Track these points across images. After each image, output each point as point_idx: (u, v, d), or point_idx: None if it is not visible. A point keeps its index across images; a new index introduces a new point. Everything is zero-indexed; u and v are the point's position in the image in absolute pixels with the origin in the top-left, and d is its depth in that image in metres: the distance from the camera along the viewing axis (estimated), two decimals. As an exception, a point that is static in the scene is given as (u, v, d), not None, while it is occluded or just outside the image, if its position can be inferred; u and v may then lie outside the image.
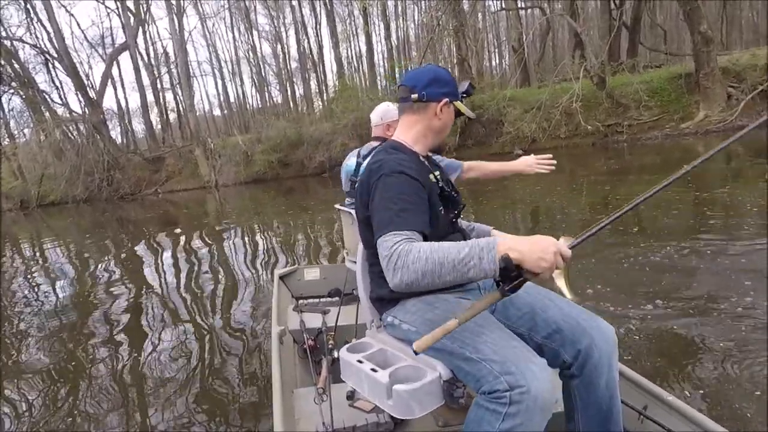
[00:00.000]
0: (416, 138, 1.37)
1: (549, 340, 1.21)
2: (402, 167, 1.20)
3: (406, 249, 1.03)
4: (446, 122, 1.37)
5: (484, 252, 0.99)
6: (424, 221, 1.14)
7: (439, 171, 1.39)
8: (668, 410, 1.35)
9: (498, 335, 1.13)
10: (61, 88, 23.09)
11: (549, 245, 0.98)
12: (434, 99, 1.33)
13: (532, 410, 1.00)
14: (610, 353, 1.17)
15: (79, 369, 2.91)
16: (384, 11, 24.56)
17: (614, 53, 15.13)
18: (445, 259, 1.00)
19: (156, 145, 23.56)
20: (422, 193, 1.19)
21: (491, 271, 0.99)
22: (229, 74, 33.22)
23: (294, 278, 2.92)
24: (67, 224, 14.11)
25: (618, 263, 3.62)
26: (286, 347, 2.00)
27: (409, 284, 1.04)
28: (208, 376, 2.55)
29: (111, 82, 24.54)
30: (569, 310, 1.23)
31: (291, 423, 1.48)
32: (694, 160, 1.25)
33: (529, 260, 0.97)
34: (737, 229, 4.09)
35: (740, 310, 2.56)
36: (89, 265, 6.81)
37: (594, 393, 1.17)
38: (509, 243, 1.00)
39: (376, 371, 1.19)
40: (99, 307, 4.28)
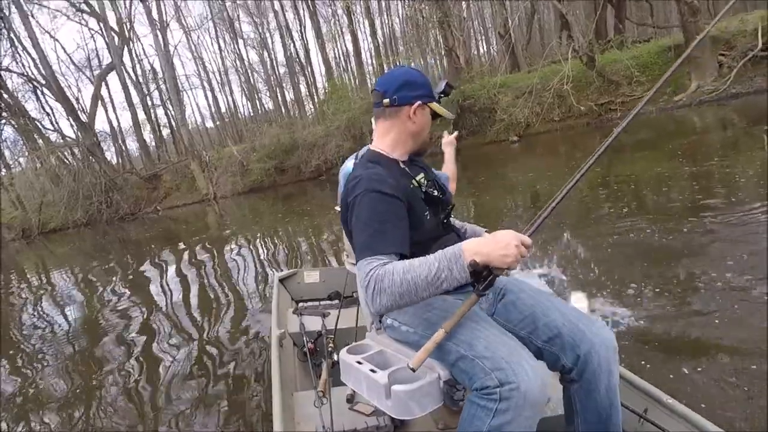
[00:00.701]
0: (393, 144, 1.36)
1: (549, 345, 1.21)
2: (377, 185, 1.19)
3: (380, 274, 1.05)
4: (422, 125, 1.35)
5: (452, 263, 1.03)
6: (399, 240, 1.14)
7: (423, 174, 1.37)
8: (668, 413, 1.34)
9: (492, 333, 1.15)
10: (52, 114, 23.07)
11: (509, 240, 1.03)
12: (406, 102, 1.32)
13: (522, 407, 1.01)
14: (610, 359, 1.16)
15: (90, 386, 2.95)
16: (368, 8, 24.43)
17: (601, 31, 15.03)
18: (418, 278, 1.03)
19: (151, 163, 23.56)
20: (398, 210, 1.19)
21: (463, 279, 1.03)
22: (218, 85, 33.25)
23: (294, 281, 2.92)
24: (69, 250, 14.14)
25: (613, 245, 3.59)
26: (286, 350, 2.00)
27: (389, 307, 1.07)
28: (208, 379, 2.58)
29: (101, 103, 24.54)
30: (570, 315, 1.23)
31: (291, 426, 1.48)
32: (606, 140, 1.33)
33: (495, 259, 1.02)
34: (734, 204, 4.04)
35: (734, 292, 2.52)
36: (95, 288, 6.82)
37: (594, 398, 1.17)
38: (473, 247, 1.04)
39: (375, 372, 1.19)
40: (107, 327, 4.37)
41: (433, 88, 1.38)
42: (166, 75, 19.74)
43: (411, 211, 1.23)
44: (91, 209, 19.80)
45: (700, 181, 5.13)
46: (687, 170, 5.71)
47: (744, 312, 2.24)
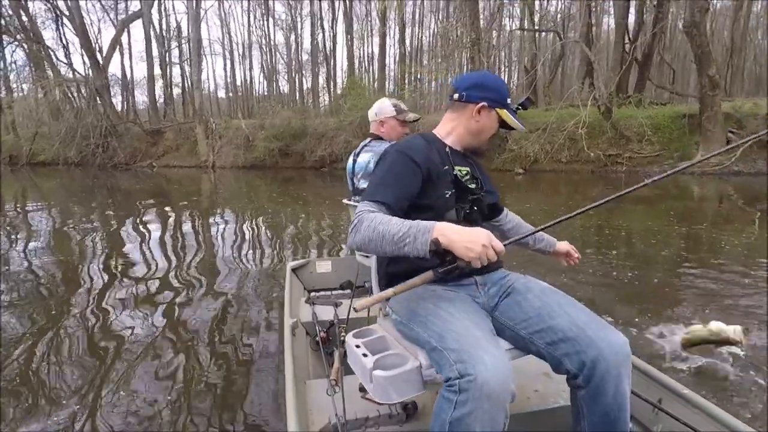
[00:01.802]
0: (449, 132, 1.47)
1: (553, 348, 1.18)
2: (405, 148, 1.32)
3: (363, 217, 1.15)
4: (484, 126, 1.43)
5: (419, 233, 1.07)
6: (396, 195, 1.23)
7: (468, 168, 1.46)
8: (684, 403, 1.34)
9: (464, 325, 1.15)
10: (67, 48, 22.77)
11: (480, 237, 1.05)
12: (472, 101, 1.41)
13: (480, 399, 0.99)
14: (620, 366, 1.12)
15: (60, 361, 2.75)
16: (402, 17, 24.69)
17: (622, 85, 15.39)
18: (387, 233, 1.10)
19: (157, 118, 23.31)
20: (412, 173, 1.28)
21: (423, 251, 1.07)
22: (239, 57, 33.11)
23: (306, 271, 2.92)
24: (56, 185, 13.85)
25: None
26: (298, 339, 2.00)
27: (359, 246, 1.15)
28: (219, 366, 2.49)
29: (119, 48, 24.27)
30: (578, 319, 1.18)
31: (303, 414, 1.49)
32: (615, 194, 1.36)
33: (458, 247, 1.05)
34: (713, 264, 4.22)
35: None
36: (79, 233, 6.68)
37: (601, 404, 1.14)
38: (444, 229, 1.07)
39: (366, 356, 1.23)
40: (86, 291, 3.92)
41: (512, 99, 1.46)
42: (192, 36, 19.62)
43: (430, 181, 1.31)
44: (86, 150, 19.50)
45: (687, 241, 5.32)
46: (677, 229, 5.89)
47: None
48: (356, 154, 2.40)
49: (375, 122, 2.39)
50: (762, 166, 11.81)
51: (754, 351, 2.39)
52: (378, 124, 2.37)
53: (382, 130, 2.37)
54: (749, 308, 3.06)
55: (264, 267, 4.47)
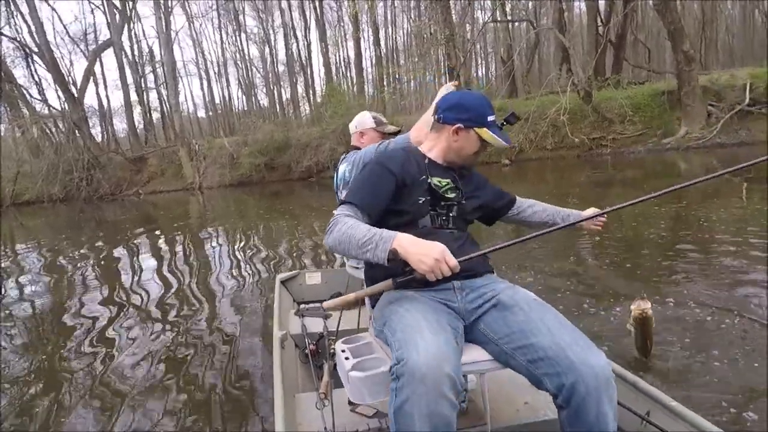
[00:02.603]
0: (431, 147, 1.53)
1: (533, 366, 1.16)
2: (383, 159, 1.45)
3: (337, 220, 1.26)
4: (463, 146, 1.47)
5: (381, 242, 1.16)
6: (367, 199, 1.34)
7: (449, 180, 1.48)
8: (671, 415, 1.33)
9: (414, 317, 1.18)
10: (40, 84, 22.49)
11: (433, 251, 1.11)
12: (449, 122, 1.46)
13: (412, 383, 1.01)
14: (600, 389, 1.08)
15: (65, 389, 2.74)
16: (374, 19, 24.69)
17: (600, 68, 15.51)
18: (353, 237, 1.19)
19: (138, 145, 23.09)
20: (386, 180, 1.38)
21: (381, 259, 1.15)
22: (215, 75, 32.92)
23: (295, 283, 2.92)
24: (42, 223, 13.65)
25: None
26: (287, 352, 2.00)
27: (331, 246, 1.26)
28: (208, 381, 2.49)
29: (93, 79, 24.01)
30: (561, 339, 1.15)
31: (293, 428, 1.48)
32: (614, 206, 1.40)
33: (413, 259, 1.13)
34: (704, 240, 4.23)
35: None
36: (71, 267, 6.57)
37: (581, 425, 1.11)
38: (403, 240, 1.15)
39: (348, 359, 1.28)
40: (77, 322, 3.99)
41: (498, 116, 1.49)
42: (165, 59, 19.47)
43: (405, 189, 1.40)
44: (70, 185, 19.25)
45: (676, 220, 5.33)
46: (665, 208, 5.92)
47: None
48: (336, 167, 2.42)
49: (355, 134, 2.42)
50: (744, 136, 11.94)
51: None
52: (358, 136, 2.40)
53: (362, 141, 2.38)
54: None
55: (255, 282, 4.46)
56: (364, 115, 2.42)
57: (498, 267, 2.41)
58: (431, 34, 15.14)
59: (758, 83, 12.13)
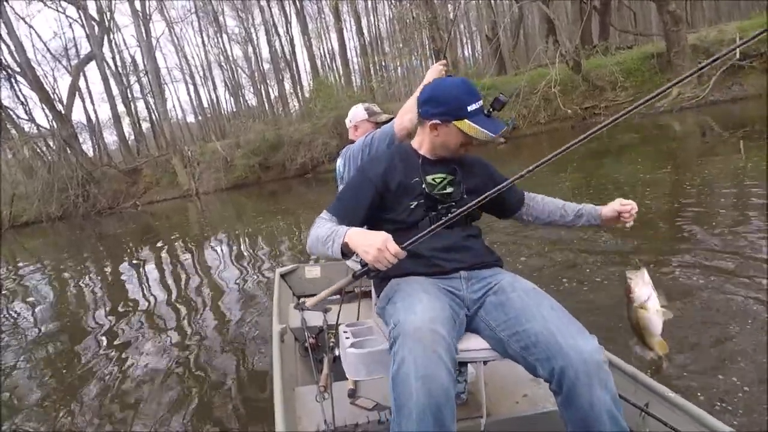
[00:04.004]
0: (419, 144, 1.49)
1: (526, 352, 1.16)
2: (367, 165, 1.45)
3: (316, 223, 1.36)
4: (445, 140, 1.39)
5: (336, 237, 1.24)
6: (343, 210, 1.38)
7: (446, 174, 1.43)
8: (670, 407, 1.33)
9: (416, 290, 1.24)
10: (26, 104, 22.28)
11: (375, 241, 1.15)
12: (426, 117, 1.39)
13: (407, 341, 1.06)
14: (591, 374, 1.07)
15: (72, 387, 2.79)
16: (355, 9, 24.39)
17: (586, 37, 15.34)
18: (318, 237, 1.29)
19: (131, 157, 22.97)
20: (362, 188, 1.39)
21: (336, 253, 1.23)
22: (201, 79, 32.64)
23: (295, 276, 2.91)
24: (42, 244, 13.62)
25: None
26: (287, 345, 2.00)
27: (309, 249, 1.35)
28: (209, 375, 2.51)
29: (78, 94, 23.79)
30: (552, 324, 1.15)
31: (292, 421, 1.48)
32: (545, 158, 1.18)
33: (359, 251, 1.18)
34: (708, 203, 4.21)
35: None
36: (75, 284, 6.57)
37: (576, 410, 1.09)
38: (352, 234, 1.21)
39: (348, 338, 1.32)
40: (91, 322, 4.13)
41: (487, 98, 1.36)
42: (148, 67, 19.28)
43: (390, 196, 1.39)
44: (67, 203, 19.17)
45: (678, 183, 5.31)
46: (665, 174, 5.90)
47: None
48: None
49: (351, 128, 2.41)
50: (737, 92, 11.85)
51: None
52: (353, 129, 2.39)
53: (356, 134, 2.36)
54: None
55: (255, 281, 4.49)
56: (357, 107, 2.41)
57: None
58: (414, 18, 14.94)
59: (748, 36, 11.99)
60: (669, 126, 10.64)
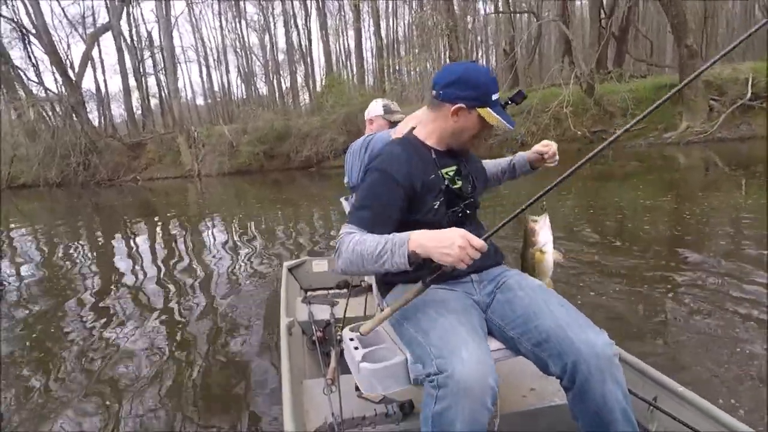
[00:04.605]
0: (430, 133, 1.37)
1: (538, 349, 1.16)
2: (387, 165, 1.27)
3: (344, 240, 1.16)
4: (463, 127, 1.31)
5: (396, 247, 1.09)
6: (374, 221, 1.21)
7: (459, 166, 1.39)
8: (679, 401, 1.34)
9: (449, 322, 1.15)
10: (37, 66, 22.19)
11: (454, 239, 1.04)
12: (449, 100, 1.28)
13: (457, 395, 1.00)
14: (602, 368, 1.08)
15: (75, 372, 2.71)
16: (376, 9, 24.46)
17: (602, 61, 15.47)
18: (365, 252, 1.11)
19: (136, 131, 22.89)
20: (392, 194, 1.24)
21: (402, 265, 1.08)
22: (215, 63, 32.61)
23: (302, 270, 2.93)
24: (38, 207, 13.54)
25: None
26: (294, 339, 2.01)
27: (344, 270, 1.17)
28: (216, 367, 2.49)
29: (90, 63, 23.73)
30: (562, 320, 1.15)
31: (300, 414, 1.49)
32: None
33: (435, 255, 1.05)
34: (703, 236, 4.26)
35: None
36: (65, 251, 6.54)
37: (589, 405, 1.11)
38: (419, 239, 1.08)
39: (357, 349, 1.27)
40: (77, 296, 4.02)
41: (502, 94, 1.34)
42: (165, 44, 19.25)
43: (416, 196, 1.27)
44: (67, 170, 19.08)
45: (678, 212, 5.36)
46: (665, 202, 5.95)
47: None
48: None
49: (367, 121, 2.43)
50: (745, 131, 11.96)
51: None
52: (369, 123, 2.42)
53: (371, 128, 2.40)
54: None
55: (258, 270, 4.43)
56: (376, 102, 2.42)
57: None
58: (434, 25, 15.01)
59: (760, 77, 12.13)
60: (674, 158, 10.71)
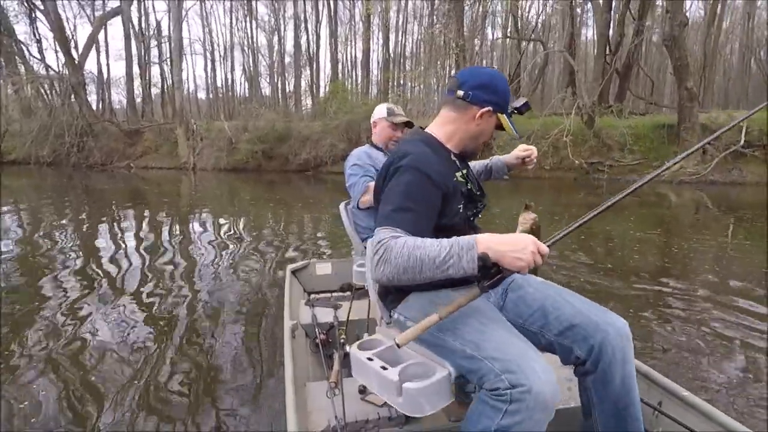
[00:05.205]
0: (450, 135, 1.35)
1: (562, 337, 1.22)
2: (423, 165, 1.19)
3: (391, 244, 1.05)
4: (484, 130, 1.33)
5: (463, 251, 1.02)
6: (418, 225, 1.13)
7: (467, 169, 1.40)
8: (684, 406, 1.36)
9: (501, 333, 1.15)
10: (40, 43, 21.98)
11: (527, 244, 1.02)
12: (477, 103, 1.28)
13: (533, 409, 1.01)
14: (624, 348, 1.18)
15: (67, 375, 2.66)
16: (386, 23, 24.75)
17: (604, 95, 15.79)
18: (426, 257, 1.03)
19: (135, 118, 22.69)
20: (433, 198, 1.19)
21: (470, 270, 1.02)
22: (221, 58, 32.60)
23: (306, 273, 2.94)
24: (26, 185, 13.27)
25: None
26: (298, 341, 2.00)
27: (390, 279, 1.06)
28: (219, 370, 2.45)
29: (95, 46, 23.55)
30: (581, 306, 1.24)
31: (303, 416, 1.48)
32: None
33: (507, 259, 1.02)
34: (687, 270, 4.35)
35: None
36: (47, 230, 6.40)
37: (610, 389, 1.17)
38: (488, 242, 1.03)
39: (386, 369, 1.19)
40: (60, 281, 3.94)
41: (511, 101, 1.37)
42: (173, 35, 19.20)
43: (446, 201, 1.23)
44: (60, 150, 18.79)
45: (665, 245, 5.52)
46: (655, 235, 6.09)
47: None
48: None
49: (372, 124, 2.48)
50: (736, 176, 12.24)
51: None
52: (373, 126, 2.46)
53: (375, 131, 2.45)
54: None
55: (256, 270, 4.38)
56: (381, 106, 2.47)
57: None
58: (444, 42, 15.23)
59: (754, 126, 12.47)
60: (666, 196, 10.90)
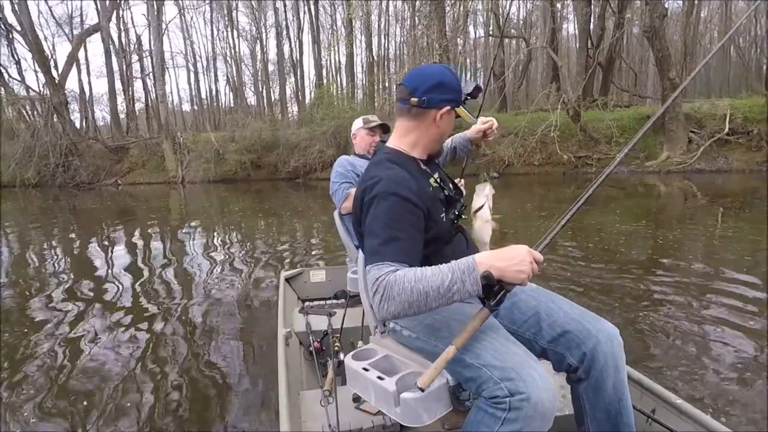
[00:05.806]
0: (413, 144, 1.31)
1: (554, 344, 1.21)
2: (398, 188, 1.14)
3: (390, 281, 1.02)
4: (445, 130, 1.30)
5: (465, 275, 1.01)
6: (411, 252, 1.10)
7: (438, 172, 1.36)
8: (677, 413, 1.36)
9: (499, 341, 1.14)
10: (19, 64, 21.70)
11: (524, 256, 1.02)
12: (434, 105, 1.24)
13: (532, 417, 1.01)
14: (616, 355, 1.17)
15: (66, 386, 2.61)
16: (368, 27, 24.77)
17: (588, 89, 15.92)
18: (430, 289, 1.01)
19: (120, 134, 22.46)
20: (416, 219, 1.15)
21: (475, 292, 1.01)
22: (203, 70, 32.44)
23: (300, 280, 2.92)
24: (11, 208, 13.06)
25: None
26: (292, 349, 1.99)
27: (396, 315, 1.04)
28: (213, 377, 2.43)
29: (75, 64, 23.29)
30: (573, 313, 1.23)
31: (297, 425, 1.48)
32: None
33: (509, 274, 1.01)
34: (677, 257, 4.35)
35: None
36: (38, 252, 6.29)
37: (602, 395, 1.17)
38: (486, 260, 1.02)
39: (382, 379, 1.17)
40: (51, 301, 3.90)
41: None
42: (155, 49, 19.05)
43: (428, 214, 1.20)
44: (45, 171, 18.52)
45: (656, 238, 5.55)
46: (641, 227, 6.14)
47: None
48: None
49: (352, 137, 2.54)
50: (722, 164, 12.40)
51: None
52: (354, 138, 2.53)
53: (356, 142, 2.51)
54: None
55: (248, 280, 4.36)
56: (357, 119, 2.56)
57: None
58: (427, 44, 15.27)
59: (737, 114, 12.65)
60: (654, 186, 11.01)
